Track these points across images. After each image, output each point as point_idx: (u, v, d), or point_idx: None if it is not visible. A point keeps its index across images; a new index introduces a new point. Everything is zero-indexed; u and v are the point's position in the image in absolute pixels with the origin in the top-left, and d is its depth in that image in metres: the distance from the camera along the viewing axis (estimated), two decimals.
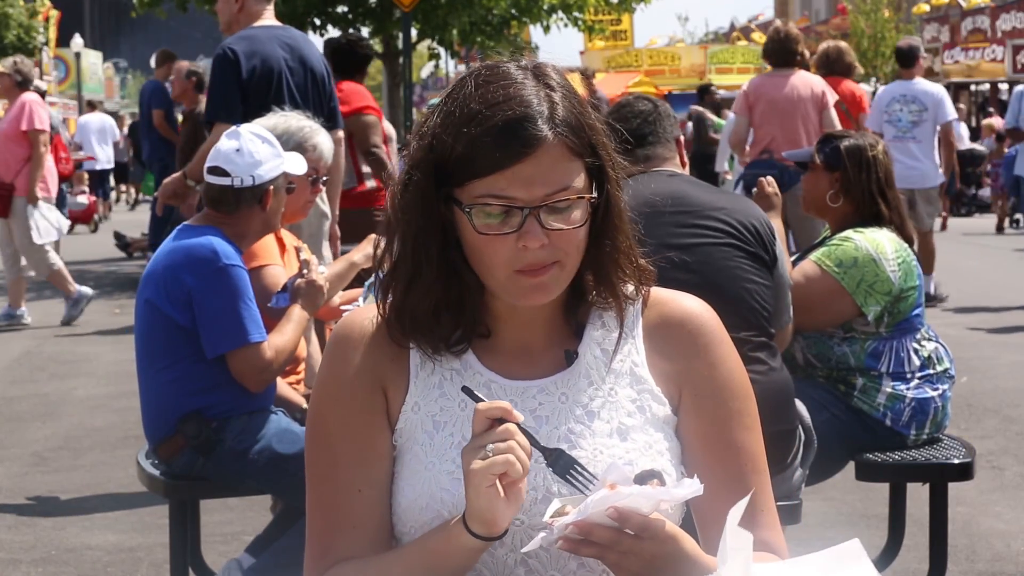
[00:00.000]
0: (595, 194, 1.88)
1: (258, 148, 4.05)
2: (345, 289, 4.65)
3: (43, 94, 18.01)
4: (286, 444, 3.93)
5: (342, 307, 4.42)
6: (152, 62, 15.98)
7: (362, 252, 4.50)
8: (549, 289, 1.88)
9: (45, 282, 14.58)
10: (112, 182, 28.56)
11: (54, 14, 41.42)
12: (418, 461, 1.91)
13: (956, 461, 4.12)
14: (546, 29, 18.21)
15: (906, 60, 11.18)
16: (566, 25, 18.33)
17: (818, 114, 9.27)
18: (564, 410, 1.92)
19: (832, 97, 9.41)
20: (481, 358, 1.95)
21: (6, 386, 8.67)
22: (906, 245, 4.32)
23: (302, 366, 4.61)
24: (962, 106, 27.37)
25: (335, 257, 5.95)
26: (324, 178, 4.63)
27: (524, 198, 1.82)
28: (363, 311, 2.00)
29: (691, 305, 2.01)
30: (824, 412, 4.15)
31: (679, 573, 1.79)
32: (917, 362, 4.24)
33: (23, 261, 11.02)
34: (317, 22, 17.53)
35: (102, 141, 23.90)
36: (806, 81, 9.37)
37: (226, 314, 3.88)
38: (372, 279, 4.25)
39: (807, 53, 9.93)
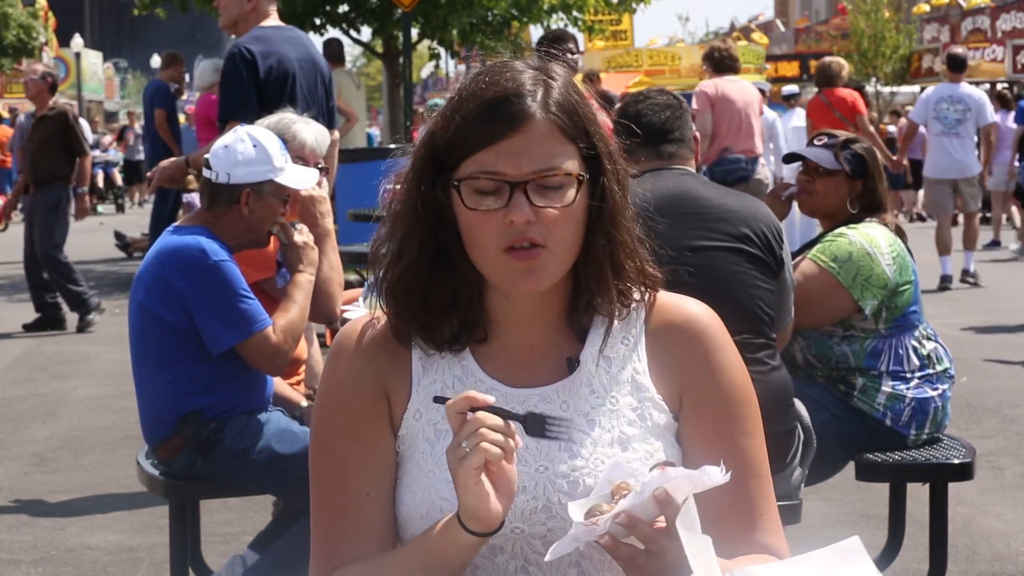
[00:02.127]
0: (585, 175, 1.87)
1: (245, 149, 4.02)
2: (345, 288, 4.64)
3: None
4: (286, 444, 3.93)
5: (342, 308, 4.42)
6: (156, 62, 15.97)
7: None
8: (538, 276, 1.86)
9: None
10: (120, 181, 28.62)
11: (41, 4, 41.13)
12: (419, 469, 1.91)
13: (956, 461, 4.12)
14: (546, 29, 18.20)
15: (959, 66, 12.57)
16: (566, 25, 18.32)
17: (757, 116, 10.79)
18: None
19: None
20: (482, 365, 1.95)
21: (6, 386, 8.67)
22: (899, 239, 4.33)
23: (302, 367, 4.61)
24: None
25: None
26: (322, 166, 4.59)
27: (512, 173, 1.83)
28: (365, 318, 2.00)
29: (694, 310, 2.00)
30: (824, 412, 4.15)
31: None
32: (916, 361, 4.24)
33: None
34: (317, 22, 17.52)
35: None
36: (750, 86, 11.15)
37: (224, 310, 3.87)
38: (372, 279, 4.25)
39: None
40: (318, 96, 6.26)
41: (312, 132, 4.60)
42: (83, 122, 20.33)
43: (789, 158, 4.67)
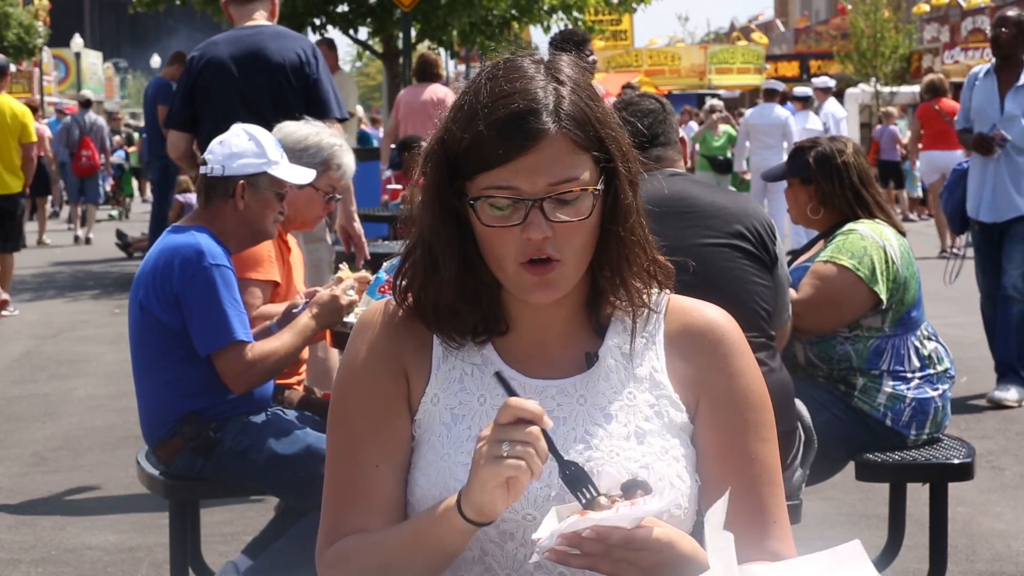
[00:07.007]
0: (600, 187, 1.88)
1: (240, 143, 4.03)
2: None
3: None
4: (285, 444, 3.93)
5: (352, 299, 4.35)
6: (156, 62, 16.03)
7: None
8: (554, 286, 1.88)
9: (45, 282, 14.60)
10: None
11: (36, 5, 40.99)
12: (434, 451, 1.92)
13: (956, 461, 4.13)
14: (546, 29, 18.22)
15: None
16: (566, 25, 18.31)
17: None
18: (582, 412, 1.92)
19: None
20: (502, 355, 1.96)
21: (6, 386, 8.67)
22: (899, 234, 4.36)
23: (303, 367, 4.61)
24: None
25: (357, 252, 5.95)
26: (339, 197, 4.62)
27: (528, 190, 1.84)
28: (390, 300, 2.01)
29: (713, 315, 2.01)
30: (824, 412, 4.15)
31: (680, 575, 1.79)
32: (917, 362, 4.24)
33: None
34: (317, 22, 17.53)
35: None
36: (438, 91, 12.49)
37: (210, 314, 3.85)
38: (377, 274, 4.25)
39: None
40: (264, 91, 5.99)
41: (353, 165, 4.62)
42: None
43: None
